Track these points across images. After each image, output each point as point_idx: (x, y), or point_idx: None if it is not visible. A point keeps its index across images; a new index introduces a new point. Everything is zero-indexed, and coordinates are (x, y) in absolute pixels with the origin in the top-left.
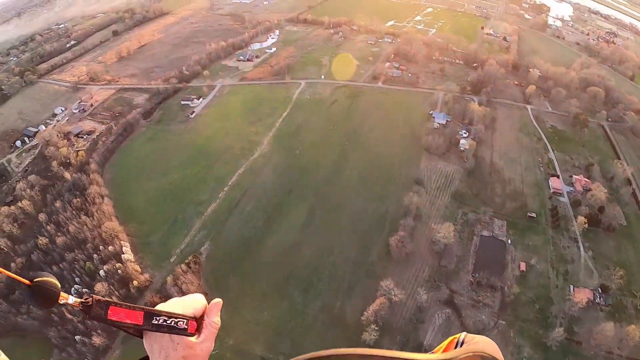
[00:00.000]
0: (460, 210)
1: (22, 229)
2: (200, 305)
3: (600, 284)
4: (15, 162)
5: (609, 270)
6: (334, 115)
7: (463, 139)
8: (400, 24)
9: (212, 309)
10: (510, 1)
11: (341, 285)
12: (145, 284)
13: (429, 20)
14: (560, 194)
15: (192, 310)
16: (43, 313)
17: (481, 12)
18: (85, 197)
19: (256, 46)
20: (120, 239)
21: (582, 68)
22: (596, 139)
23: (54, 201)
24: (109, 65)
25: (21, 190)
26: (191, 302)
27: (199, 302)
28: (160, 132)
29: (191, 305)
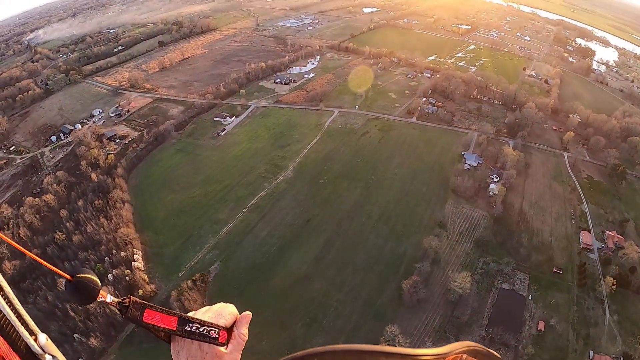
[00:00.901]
0: (481, 259)
1: (43, 222)
2: (231, 316)
3: (623, 352)
4: (48, 155)
5: (634, 337)
6: (364, 148)
7: (493, 184)
8: (442, 60)
9: (242, 320)
10: (555, 43)
11: (346, 324)
12: (150, 294)
13: (471, 57)
14: (590, 249)
15: (223, 319)
16: (48, 307)
17: (525, 52)
18: (107, 199)
19: (295, 70)
20: (133, 246)
21: (624, 116)
22: (633, 193)
23: (77, 199)
24: (150, 74)
25: (48, 184)
26: (222, 312)
27: (231, 312)
28: (190, 145)
29: (222, 315)
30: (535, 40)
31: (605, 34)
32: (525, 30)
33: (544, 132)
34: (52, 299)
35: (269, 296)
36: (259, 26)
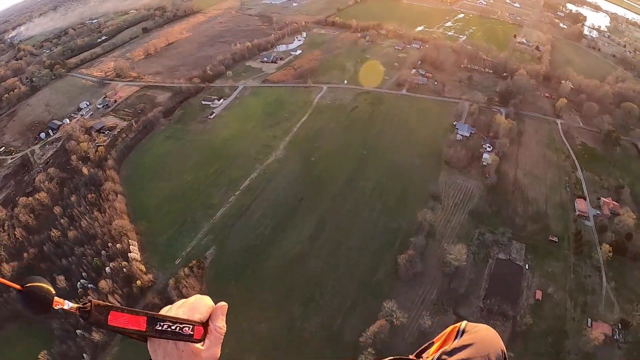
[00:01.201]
0: (477, 230)
1: (38, 220)
2: (206, 309)
3: (620, 318)
4: (38, 153)
5: (631, 304)
6: (354, 123)
7: (486, 153)
8: (430, 30)
9: (217, 313)
10: (545, 9)
11: (343, 302)
12: (148, 284)
13: (460, 26)
14: (585, 217)
15: (198, 314)
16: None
17: (514, 19)
18: (100, 192)
19: (282, 48)
20: (129, 237)
21: (617, 82)
22: (628, 159)
23: (70, 195)
24: (135, 62)
25: (40, 182)
26: (197, 306)
27: (205, 305)
28: (179, 131)
29: (197, 309)
30: (525, 6)
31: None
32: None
33: (536, 100)
34: None
35: (265, 278)
36: (244, 5)
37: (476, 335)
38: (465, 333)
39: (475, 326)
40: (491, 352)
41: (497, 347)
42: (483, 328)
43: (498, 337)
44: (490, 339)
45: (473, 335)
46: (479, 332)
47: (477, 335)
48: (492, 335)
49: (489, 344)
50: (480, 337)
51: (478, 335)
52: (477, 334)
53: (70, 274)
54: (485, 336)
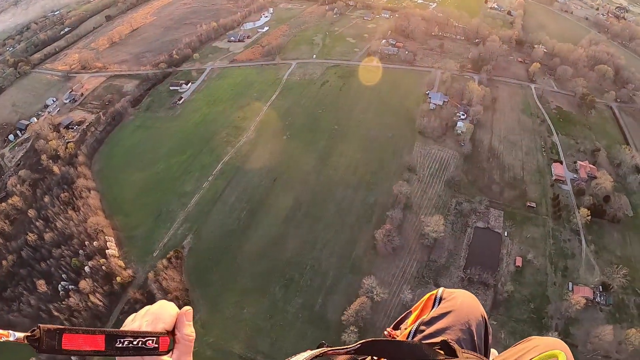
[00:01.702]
0: (454, 200)
1: (14, 225)
2: (169, 317)
3: (601, 281)
4: (8, 156)
5: (611, 266)
6: (325, 98)
7: (460, 122)
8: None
9: (182, 321)
10: None
11: (324, 281)
12: (128, 279)
13: None
14: (562, 181)
15: (161, 323)
16: (33, 311)
17: None
18: (72, 190)
19: (249, 26)
20: (105, 234)
21: (591, 45)
22: (604, 122)
23: (43, 196)
24: (100, 52)
25: (12, 186)
26: (160, 314)
27: (167, 313)
28: (149, 119)
29: (161, 318)
30: None
31: None
32: None
33: (509, 65)
34: (34, 302)
35: (244, 262)
36: None
37: (454, 301)
38: (442, 300)
39: (452, 292)
40: (471, 318)
41: (477, 313)
42: (460, 294)
43: (477, 302)
44: (468, 304)
45: (451, 302)
46: (456, 298)
47: (455, 302)
48: (470, 301)
49: (468, 309)
50: (459, 304)
51: (456, 302)
52: (454, 300)
53: (51, 277)
54: (464, 302)
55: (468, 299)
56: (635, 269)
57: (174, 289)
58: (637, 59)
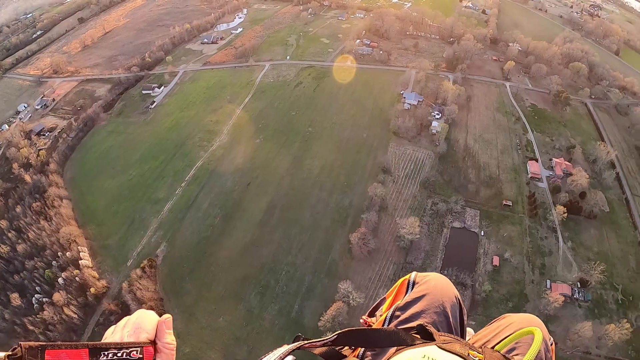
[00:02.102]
0: (429, 200)
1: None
2: (151, 326)
3: (579, 277)
4: None
5: (589, 263)
6: (298, 99)
7: (435, 121)
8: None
9: (162, 329)
10: None
11: (299, 286)
12: (102, 290)
13: None
14: (538, 179)
15: (144, 333)
16: (8, 325)
17: None
18: (45, 200)
19: (222, 27)
20: (78, 244)
21: (565, 42)
22: (579, 118)
23: (15, 206)
24: (72, 56)
25: None
26: (142, 324)
27: (148, 322)
28: (121, 125)
29: (143, 328)
30: None
31: None
32: None
33: (484, 64)
34: (9, 316)
35: (219, 270)
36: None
37: (427, 285)
38: (416, 284)
39: (425, 276)
40: (445, 300)
41: (451, 294)
42: (433, 277)
43: (450, 284)
44: (441, 286)
45: (424, 285)
46: (429, 282)
47: (428, 285)
48: (443, 283)
49: (441, 292)
50: (432, 286)
51: (429, 285)
52: (428, 283)
53: (25, 290)
54: (437, 284)
55: (441, 281)
56: (613, 264)
57: (149, 299)
58: (611, 56)
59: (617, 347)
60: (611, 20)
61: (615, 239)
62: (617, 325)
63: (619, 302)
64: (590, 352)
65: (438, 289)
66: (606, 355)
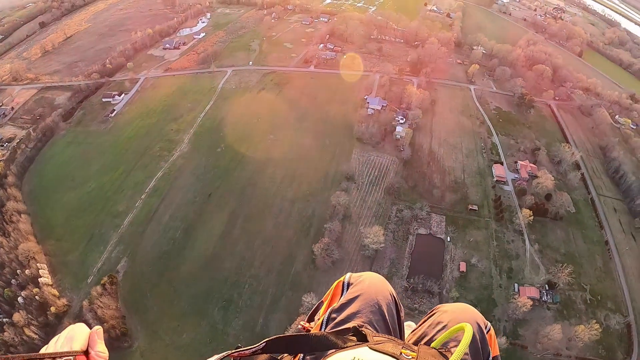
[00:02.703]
0: (394, 207)
1: None
2: (83, 336)
3: (547, 280)
4: None
5: (556, 265)
6: (260, 106)
7: (399, 126)
8: (339, 2)
9: (94, 339)
10: None
11: (264, 300)
12: (63, 309)
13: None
14: (504, 182)
15: (77, 343)
16: None
17: None
18: (2, 215)
19: (185, 32)
20: (37, 261)
21: (529, 45)
22: (543, 120)
23: None
24: (32, 62)
25: None
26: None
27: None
28: (80, 134)
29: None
30: None
31: None
32: None
33: (448, 67)
34: None
35: (181, 285)
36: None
37: (362, 285)
38: (350, 285)
39: (359, 276)
40: (380, 298)
41: (385, 292)
42: (367, 276)
43: (384, 282)
44: (375, 285)
45: (358, 286)
46: (363, 282)
47: (362, 286)
48: (377, 282)
49: (376, 291)
50: (366, 286)
51: (364, 285)
52: (362, 283)
53: None
54: (371, 284)
55: (375, 281)
56: (580, 264)
57: (110, 317)
58: (574, 58)
59: (588, 347)
60: (574, 23)
61: (581, 239)
62: (587, 325)
63: (588, 302)
64: (561, 354)
65: (372, 289)
66: (577, 355)
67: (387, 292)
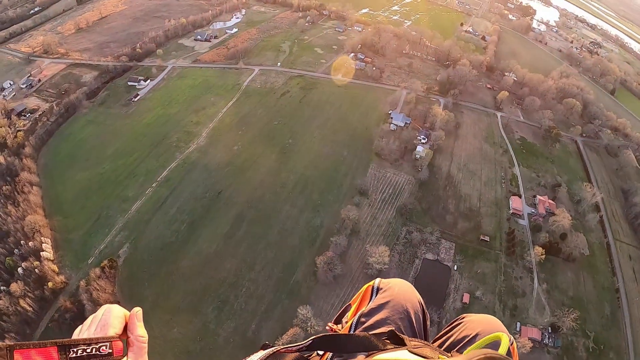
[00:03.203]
0: (404, 228)
1: None
2: (119, 321)
3: (551, 322)
4: None
5: (562, 308)
6: (283, 109)
7: (420, 146)
8: (375, 12)
9: (133, 322)
10: (496, 0)
11: (259, 305)
12: (60, 286)
13: (407, 11)
14: (520, 215)
15: (112, 328)
16: None
17: (464, 8)
18: (15, 184)
19: (218, 25)
20: (42, 234)
21: (561, 77)
22: (567, 156)
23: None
24: (65, 37)
25: None
26: (108, 320)
27: (116, 317)
28: (101, 115)
29: (109, 324)
30: None
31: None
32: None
33: (477, 91)
34: None
35: (179, 279)
36: None
37: (391, 291)
38: (380, 291)
39: (388, 282)
40: (408, 305)
41: (414, 300)
42: (397, 283)
43: (413, 289)
44: (404, 292)
45: (388, 292)
46: (393, 288)
47: (392, 292)
48: (406, 289)
49: (404, 297)
50: (395, 293)
51: (393, 291)
52: (391, 290)
53: None
54: (400, 290)
55: (404, 288)
56: (587, 309)
57: (104, 301)
58: (606, 95)
59: None
60: (610, 59)
61: (592, 283)
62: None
63: (590, 350)
64: None
65: (401, 295)
66: None
67: (416, 300)
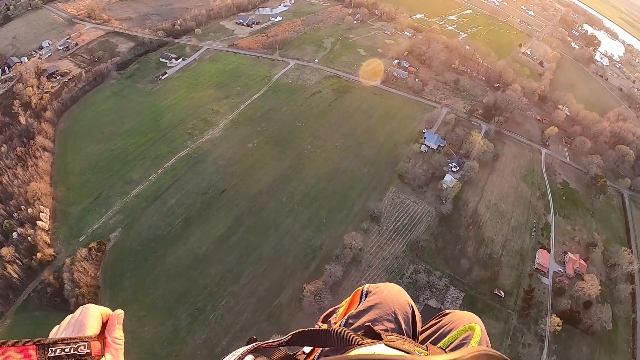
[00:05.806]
0: (412, 266)
1: None
2: (96, 321)
3: None
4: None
5: None
6: (309, 110)
7: (449, 174)
8: (430, 20)
9: (113, 324)
10: (560, 24)
11: (234, 322)
12: (48, 258)
13: (464, 22)
14: (544, 272)
15: (90, 329)
16: None
17: (525, 27)
18: (30, 146)
19: (264, 11)
20: (42, 203)
21: (618, 119)
22: (610, 210)
23: (2, 144)
24: (111, 3)
25: None
26: (85, 320)
27: (93, 317)
28: (127, 88)
29: (86, 324)
30: (539, 17)
31: (615, 26)
32: (532, 5)
33: (525, 121)
34: None
35: (161, 276)
36: None
37: (379, 294)
38: (369, 294)
39: (378, 286)
40: (397, 308)
41: (403, 302)
42: (385, 286)
43: (403, 292)
44: (393, 295)
45: (377, 295)
46: (382, 291)
47: (380, 295)
48: (395, 292)
49: (393, 300)
50: (384, 296)
51: (381, 295)
52: (380, 293)
53: None
54: (389, 293)
55: (393, 290)
56: None
57: (85, 284)
58: None
59: None
60: None
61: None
62: None
63: None
64: None
65: (389, 298)
66: None
67: (405, 302)
